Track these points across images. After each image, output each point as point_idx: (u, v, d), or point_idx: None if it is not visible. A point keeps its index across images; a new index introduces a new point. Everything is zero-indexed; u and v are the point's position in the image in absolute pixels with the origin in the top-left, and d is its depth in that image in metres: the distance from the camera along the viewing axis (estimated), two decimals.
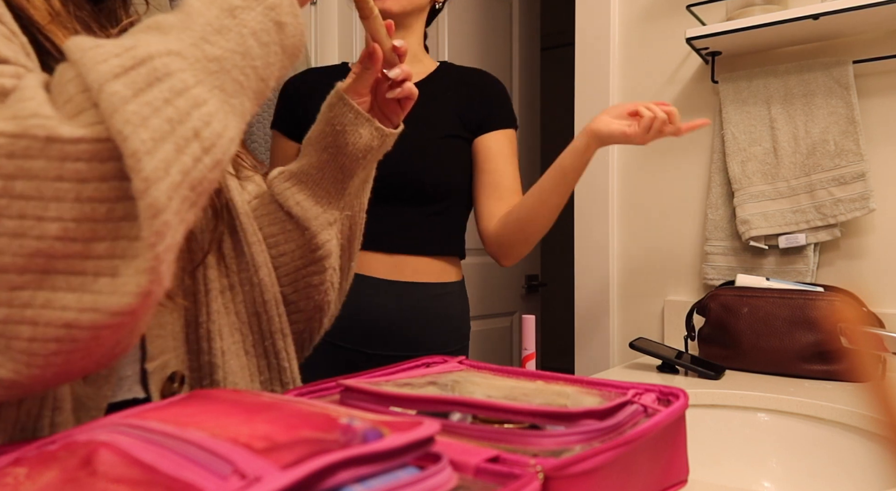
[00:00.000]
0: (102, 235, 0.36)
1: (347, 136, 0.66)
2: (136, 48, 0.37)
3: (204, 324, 0.58)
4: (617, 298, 1.44)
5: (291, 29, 0.46)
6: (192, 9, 0.42)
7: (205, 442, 0.29)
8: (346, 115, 0.65)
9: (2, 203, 0.34)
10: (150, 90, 0.36)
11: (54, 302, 0.36)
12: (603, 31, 1.43)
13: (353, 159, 0.66)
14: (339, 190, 0.67)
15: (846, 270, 1.18)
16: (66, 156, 0.35)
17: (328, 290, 0.69)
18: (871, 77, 1.16)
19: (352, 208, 0.70)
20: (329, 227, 0.67)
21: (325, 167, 0.67)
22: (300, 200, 0.66)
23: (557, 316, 3.29)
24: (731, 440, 0.91)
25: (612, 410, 0.43)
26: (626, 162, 1.43)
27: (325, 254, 0.67)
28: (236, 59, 0.42)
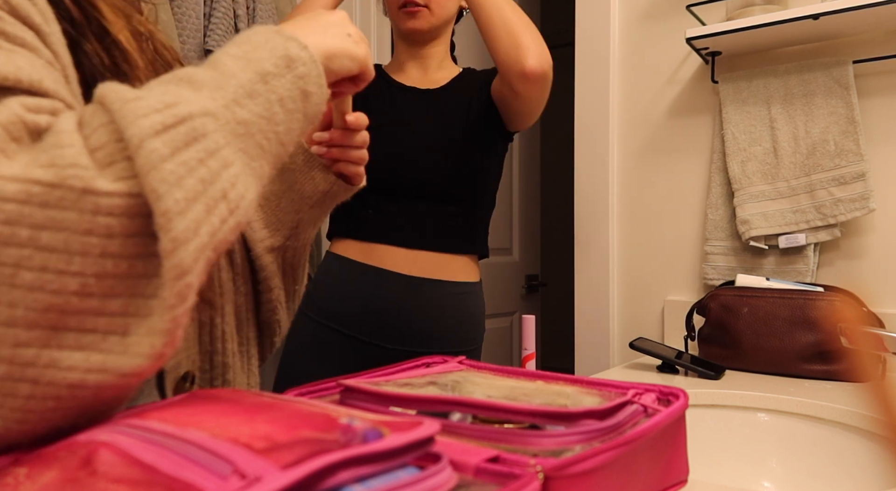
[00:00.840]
0: (119, 292, 0.35)
1: (297, 176, 0.68)
2: (176, 106, 0.37)
3: (219, 325, 0.59)
4: (617, 298, 1.44)
5: (316, 98, 0.47)
6: (227, 69, 0.43)
7: (205, 442, 0.29)
8: (299, 156, 0.68)
9: (25, 253, 0.33)
10: (187, 150, 0.36)
11: (60, 362, 0.34)
12: (603, 31, 1.43)
13: (302, 197, 0.69)
14: (289, 220, 0.70)
15: (846, 269, 1.18)
16: (98, 209, 0.34)
17: (277, 309, 0.70)
18: (871, 77, 1.16)
19: (297, 240, 0.71)
20: (270, 252, 0.69)
21: (281, 198, 0.69)
22: (251, 221, 0.68)
23: (557, 316, 3.29)
24: (731, 440, 0.91)
25: (612, 410, 0.43)
26: (626, 162, 1.43)
27: (269, 275, 0.69)
28: (262, 123, 0.43)
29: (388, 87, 1.23)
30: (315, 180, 0.69)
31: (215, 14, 1.50)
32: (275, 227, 0.69)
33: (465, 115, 1.17)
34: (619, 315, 1.44)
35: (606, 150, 1.43)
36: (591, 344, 1.45)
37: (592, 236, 1.45)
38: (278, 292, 0.70)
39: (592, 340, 1.45)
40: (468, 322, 1.18)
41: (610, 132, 1.43)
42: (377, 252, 1.14)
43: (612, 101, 1.43)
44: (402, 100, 1.20)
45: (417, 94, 1.20)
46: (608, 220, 1.43)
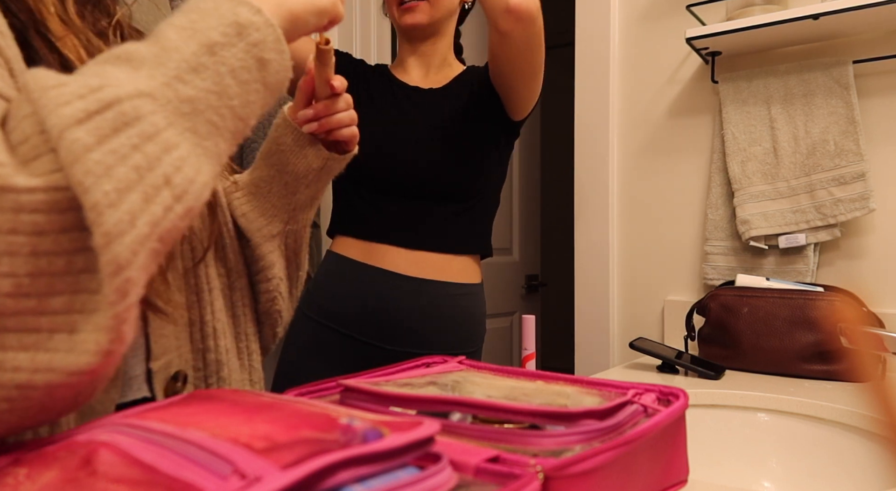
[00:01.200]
0: (60, 290, 0.33)
1: (288, 156, 0.67)
2: (102, 90, 0.35)
3: (209, 322, 0.59)
4: (617, 298, 1.44)
5: (276, 65, 0.43)
6: (169, 42, 0.39)
7: (205, 442, 0.29)
8: (288, 135, 0.67)
9: None
10: (116, 137, 0.34)
11: (5, 363, 0.33)
12: (603, 31, 1.43)
13: (295, 178, 0.68)
14: (284, 204, 0.69)
15: (846, 269, 1.18)
16: (21, 207, 0.32)
17: (276, 299, 0.69)
18: (871, 77, 1.16)
19: (297, 223, 0.71)
20: (271, 240, 0.68)
21: (272, 182, 0.68)
22: (246, 211, 0.68)
23: (557, 316, 3.29)
24: (731, 440, 0.91)
25: (612, 410, 0.43)
26: (626, 162, 1.43)
27: (268, 264, 0.68)
28: (211, 99, 0.39)
29: (390, 86, 1.22)
30: (308, 158, 0.68)
31: None
32: (271, 213, 0.68)
33: (466, 114, 1.16)
34: (619, 315, 1.44)
35: (606, 150, 1.43)
36: (591, 344, 1.45)
37: (592, 236, 1.45)
38: (277, 282, 0.69)
39: (592, 340, 1.45)
40: (468, 323, 1.17)
41: (610, 132, 1.43)
42: (378, 252, 1.13)
43: (612, 101, 1.43)
44: (404, 100, 1.19)
45: (420, 94, 1.20)
46: (608, 220, 1.43)
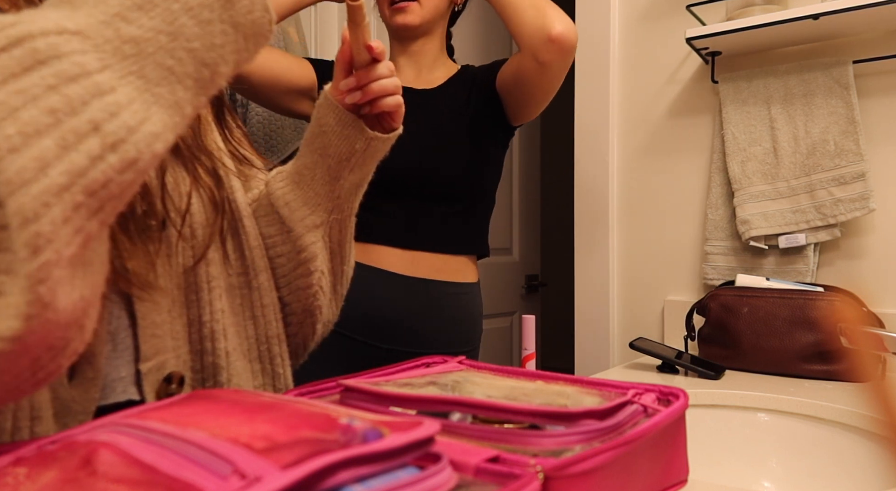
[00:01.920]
0: None
1: (331, 138, 0.63)
2: (15, 26, 0.31)
3: (207, 323, 0.57)
4: (617, 298, 1.44)
5: (246, 5, 0.39)
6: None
7: (205, 442, 0.29)
8: (329, 115, 0.63)
9: None
10: (26, 76, 0.30)
11: None
12: (603, 31, 1.43)
13: (339, 161, 0.64)
14: (328, 192, 0.65)
15: (846, 269, 1.18)
16: None
17: (317, 293, 0.67)
18: (871, 77, 1.16)
19: (341, 212, 0.67)
20: (314, 230, 0.65)
21: (315, 168, 0.65)
22: (289, 201, 0.65)
23: (557, 316, 3.29)
24: (731, 440, 0.91)
25: (612, 410, 0.43)
26: (626, 162, 1.43)
27: (310, 256, 0.65)
28: (161, 40, 0.35)
29: None
30: (350, 139, 0.63)
31: None
32: (315, 202, 0.65)
33: (462, 115, 1.16)
34: (619, 315, 1.44)
35: (606, 150, 1.43)
36: (591, 344, 1.45)
37: (592, 236, 1.45)
38: (319, 276, 0.66)
39: (592, 340, 1.45)
40: (467, 322, 1.18)
41: (610, 132, 1.43)
42: (375, 253, 1.13)
43: (612, 101, 1.43)
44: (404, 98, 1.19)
45: (412, 95, 1.19)
46: (608, 220, 1.43)
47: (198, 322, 0.57)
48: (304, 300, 0.66)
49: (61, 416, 0.47)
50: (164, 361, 0.53)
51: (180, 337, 0.55)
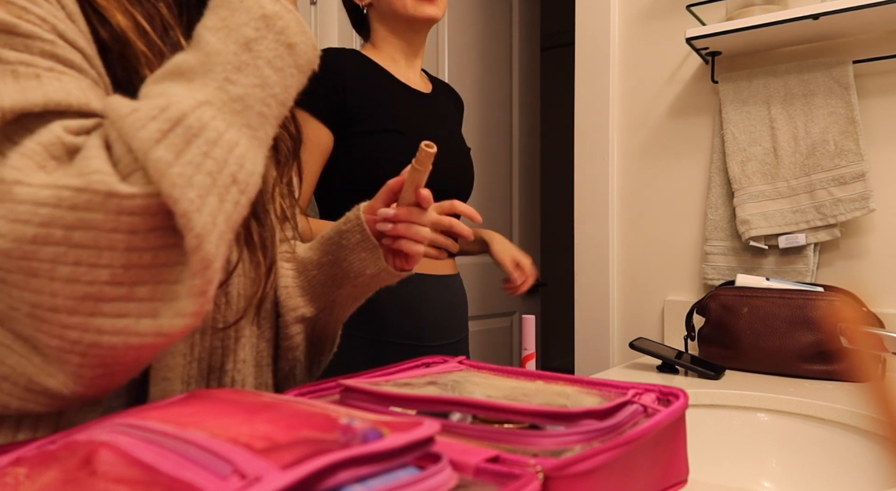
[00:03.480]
0: (145, 280, 0.39)
1: (347, 254, 0.66)
2: (168, 109, 0.39)
3: (229, 372, 0.58)
4: (617, 298, 1.44)
5: (302, 47, 0.47)
6: (210, 48, 0.43)
7: (205, 442, 0.29)
8: (355, 234, 0.66)
9: (60, 251, 0.37)
10: (189, 149, 0.39)
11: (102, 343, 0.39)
12: (603, 31, 1.43)
13: (346, 275, 0.67)
14: (325, 293, 0.68)
15: (846, 270, 1.18)
16: (122, 210, 0.38)
17: (287, 378, 0.69)
18: (871, 77, 1.16)
19: (331, 314, 0.69)
20: (301, 321, 0.67)
21: (322, 268, 0.67)
22: (288, 285, 0.67)
23: (557, 316, 3.29)
24: (731, 440, 0.91)
25: (612, 410, 0.43)
26: (626, 162, 1.43)
27: (292, 345, 0.67)
28: (257, 93, 0.43)
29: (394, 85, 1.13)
30: (364, 262, 0.66)
31: None
32: (311, 296, 0.67)
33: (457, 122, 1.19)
34: (619, 315, 1.44)
35: (606, 150, 1.42)
36: (591, 344, 1.45)
37: (592, 236, 1.45)
38: (295, 364, 0.68)
39: (592, 340, 1.45)
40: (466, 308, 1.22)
41: (610, 132, 1.43)
42: None
43: (612, 101, 1.43)
44: (416, 103, 1.13)
45: (421, 98, 1.16)
46: (608, 220, 1.43)
47: (219, 370, 0.57)
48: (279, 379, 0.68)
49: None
50: None
51: (195, 382, 0.55)
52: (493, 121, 1.97)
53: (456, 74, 1.83)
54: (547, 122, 3.27)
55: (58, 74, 0.42)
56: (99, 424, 0.35)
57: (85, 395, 0.43)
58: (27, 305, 0.39)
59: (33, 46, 0.42)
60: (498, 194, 1.99)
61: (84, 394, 0.43)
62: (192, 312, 0.40)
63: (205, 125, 0.40)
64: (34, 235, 0.37)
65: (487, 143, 1.95)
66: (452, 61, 1.84)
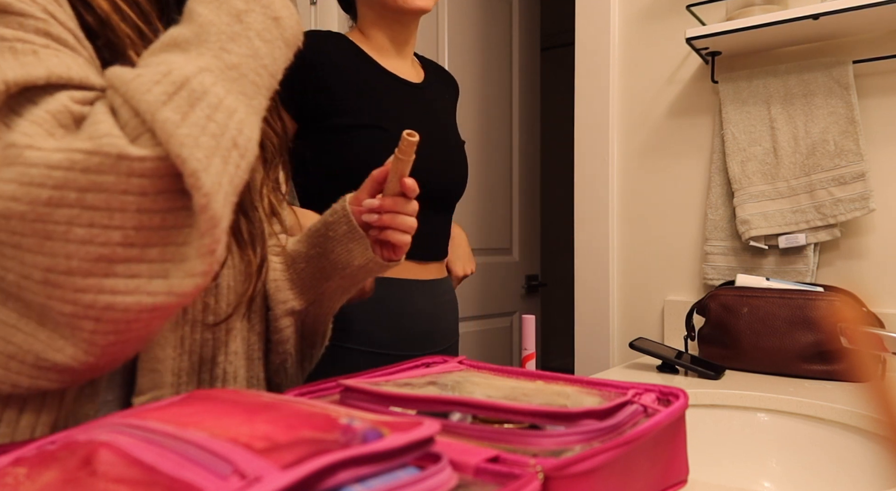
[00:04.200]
0: (155, 242, 0.40)
1: (335, 245, 0.67)
2: (171, 73, 0.40)
3: (221, 364, 0.58)
4: (617, 298, 1.44)
5: (287, 21, 0.48)
6: (204, 19, 0.44)
7: (205, 442, 0.29)
8: (342, 225, 0.66)
9: (74, 213, 0.38)
10: (193, 111, 0.40)
11: (116, 305, 0.40)
12: (603, 31, 1.43)
13: (334, 267, 0.67)
14: (314, 286, 0.68)
15: (846, 270, 1.18)
16: (132, 172, 0.38)
17: (279, 371, 0.69)
18: (871, 77, 1.16)
19: (321, 306, 0.70)
20: (290, 315, 0.67)
21: (310, 261, 0.67)
22: (277, 279, 0.67)
23: (557, 316, 3.29)
24: (731, 440, 0.91)
25: (612, 410, 0.43)
26: (626, 162, 1.43)
27: (282, 338, 0.67)
28: (250, 62, 0.44)
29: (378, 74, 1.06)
30: (351, 253, 0.66)
31: None
32: (300, 289, 0.68)
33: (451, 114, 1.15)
34: (619, 315, 1.44)
35: (606, 150, 1.43)
36: (591, 344, 1.45)
37: (592, 236, 1.45)
38: (286, 357, 0.68)
39: (592, 340, 1.45)
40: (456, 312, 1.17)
41: (610, 132, 1.43)
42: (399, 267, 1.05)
43: (612, 101, 1.43)
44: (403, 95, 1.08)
45: (410, 89, 1.09)
46: (608, 220, 1.43)
47: (211, 362, 0.57)
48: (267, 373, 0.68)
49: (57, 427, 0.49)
50: (158, 397, 0.54)
51: (185, 375, 0.56)
52: (493, 121, 1.97)
53: (456, 74, 1.83)
54: (547, 122, 3.27)
55: (54, 51, 0.43)
56: (99, 423, 0.35)
57: (96, 365, 0.44)
58: (41, 270, 0.39)
59: (27, 24, 0.42)
60: (498, 194, 1.99)
61: (95, 364, 0.44)
62: (202, 272, 0.41)
63: (206, 90, 0.40)
64: (48, 198, 0.37)
65: (487, 143, 1.95)
66: (452, 61, 1.84)
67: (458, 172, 1.12)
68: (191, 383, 0.56)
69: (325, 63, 1.00)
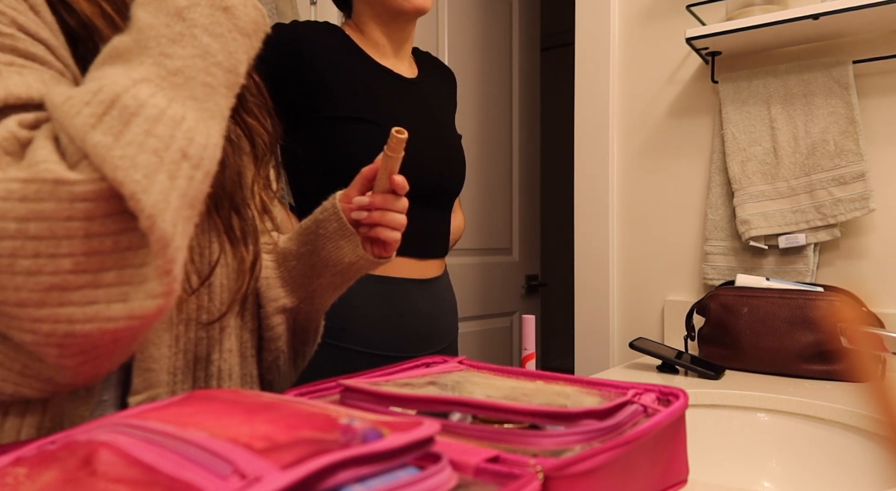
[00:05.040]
0: (110, 265, 0.39)
1: (325, 242, 0.66)
2: (102, 91, 0.38)
3: (216, 362, 0.58)
4: (617, 298, 1.44)
5: (240, 9, 0.45)
6: (142, 23, 0.41)
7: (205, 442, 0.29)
8: (333, 222, 0.66)
9: (17, 244, 0.37)
10: (128, 129, 0.37)
11: (75, 332, 0.39)
12: (603, 31, 1.43)
13: (325, 264, 0.66)
14: (305, 283, 0.67)
15: (846, 270, 1.18)
16: (74, 197, 0.37)
17: (271, 369, 0.68)
18: (871, 77, 1.16)
19: (312, 303, 0.69)
20: (282, 312, 0.67)
21: (301, 258, 0.67)
22: (268, 276, 0.67)
23: (557, 316, 3.29)
24: (731, 440, 0.91)
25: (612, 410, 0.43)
26: (626, 162, 1.43)
27: (274, 336, 0.67)
28: (198, 63, 0.41)
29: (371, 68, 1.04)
30: (342, 250, 0.66)
31: None
32: (291, 286, 0.67)
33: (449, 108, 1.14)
34: (619, 315, 1.44)
35: (606, 150, 1.43)
36: (591, 344, 1.45)
37: (592, 236, 1.45)
38: (278, 354, 0.68)
39: (592, 340, 1.45)
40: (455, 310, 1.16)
41: (610, 132, 1.43)
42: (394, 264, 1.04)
43: (612, 101, 1.43)
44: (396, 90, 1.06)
45: (404, 84, 1.08)
46: (608, 220, 1.43)
47: (205, 360, 0.57)
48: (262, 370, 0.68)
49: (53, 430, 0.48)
50: (154, 396, 0.54)
51: (181, 373, 0.55)
52: (492, 121, 1.97)
53: (456, 74, 1.83)
54: (547, 122, 3.28)
55: (18, 68, 0.42)
56: (99, 423, 0.35)
57: (74, 381, 0.43)
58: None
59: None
60: (498, 194, 1.99)
61: (73, 381, 0.43)
62: (162, 293, 0.40)
63: (142, 103, 0.38)
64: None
65: (487, 143, 1.95)
66: (452, 61, 1.84)
67: (454, 168, 1.10)
68: (186, 382, 0.56)
69: (319, 56, 0.99)
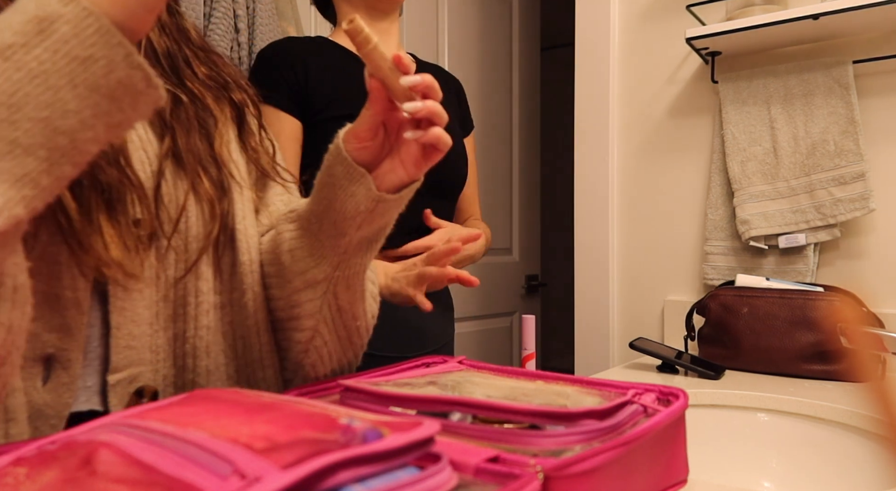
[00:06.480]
0: None
1: (337, 191, 0.55)
2: None
3: (191, 339, 0.56)
4: (617, 298, 1.44)
5: (104, 63, 0.36)
6: None
7: (205, 442, 0.29)
8: (337, 166, 0.55)
9: None
10: None
11: None
12: (603, 31, 1.43)
13: (343, 218, 0.56)
14: (333, 245, 0.58)
15: (846, 270, 1.18)
16: None
17: (308, 351, 0.62)
18: (871, 77, 1.16)
19: (348, 268, 0.59)
20: (315, 286, 0.59)
21: (322, 219, 0.58)
22: (294, 248, 0.59)
23: (557, 316, 3.29)
24: (731, 440, 0.91)
25: (612, 410, 0.43)
26: (626, 162, 1.43)
27: (303, 313, 0.60)
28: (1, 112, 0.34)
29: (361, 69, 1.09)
30: (356, 197, 0.55)
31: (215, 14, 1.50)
32: (320, 253, 0.58)
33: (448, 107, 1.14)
34: (619, 315, 1.44)
35: (606, 150, 1.43)
36: (591, 344, 1.45)
37: (592, 236, 1.45)
38: (311, 334, 0.61)
39: (592, 340, 1.45)
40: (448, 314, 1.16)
41: (610, 132, 1.43)
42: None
43: (612, 101, 1.43)
44: None
45: None
46: (608, 220, 1.43)
47: (182, 337, 0.56)
48: (294, 353, 0.63)
49: (34, 419, 0.48)
50: (136, 374, 0.52)
51: (163, 351, 0.54)
52: (493, 120, 1.97)
53: (456, 74, 1.83)
54: (547, 122, 3.28)
55: None
56: (99, 423, 0.35)
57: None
58: None
59: None
60: (498, 194, 1.99)
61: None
62: None
63: None
64: None
65: (487, 143, 1.95)
66: (452, 61, 1.84)
67: (452, 167, 1.10)
68: (167, 360, 0.55)
69: (308, 62, 1.01)
